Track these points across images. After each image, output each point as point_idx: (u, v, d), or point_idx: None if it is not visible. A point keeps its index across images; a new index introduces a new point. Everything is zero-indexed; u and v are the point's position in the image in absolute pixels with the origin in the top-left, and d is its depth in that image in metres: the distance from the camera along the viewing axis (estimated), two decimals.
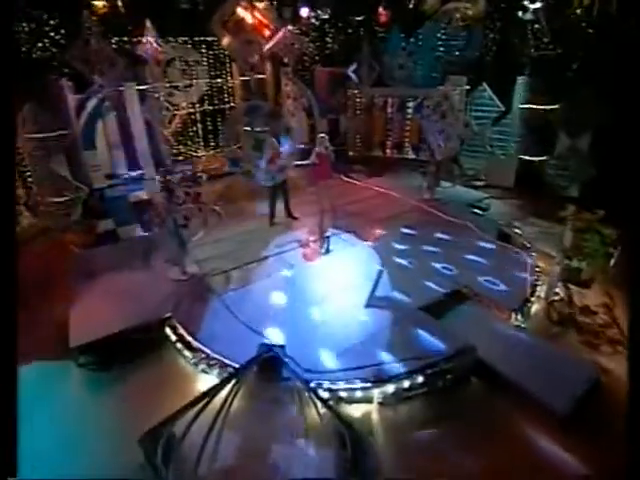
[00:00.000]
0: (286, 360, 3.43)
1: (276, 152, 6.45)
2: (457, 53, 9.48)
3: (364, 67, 9.97)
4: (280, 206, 6.83)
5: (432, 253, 6.00)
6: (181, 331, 4.43)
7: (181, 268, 5.51)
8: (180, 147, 10.29)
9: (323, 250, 6.11)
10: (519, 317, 4.57)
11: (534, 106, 8.36)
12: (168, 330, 4.49)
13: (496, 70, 9.05)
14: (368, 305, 4.78)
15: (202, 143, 10.68)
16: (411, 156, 9.89)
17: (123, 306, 4.65)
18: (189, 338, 4.31)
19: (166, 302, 4.71)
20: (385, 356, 3.79)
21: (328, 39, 10.91)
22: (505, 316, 4.69)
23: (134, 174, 8.20)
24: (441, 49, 9.68)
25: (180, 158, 9.85)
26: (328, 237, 6.15)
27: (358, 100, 10.10)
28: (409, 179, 8.76)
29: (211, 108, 10.57)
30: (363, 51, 9.43)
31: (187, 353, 4.11)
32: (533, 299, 4.89)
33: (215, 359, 3.91)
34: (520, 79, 8.62)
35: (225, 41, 8.18)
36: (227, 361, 3.86)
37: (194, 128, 10.31)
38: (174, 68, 8.76)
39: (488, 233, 6.36)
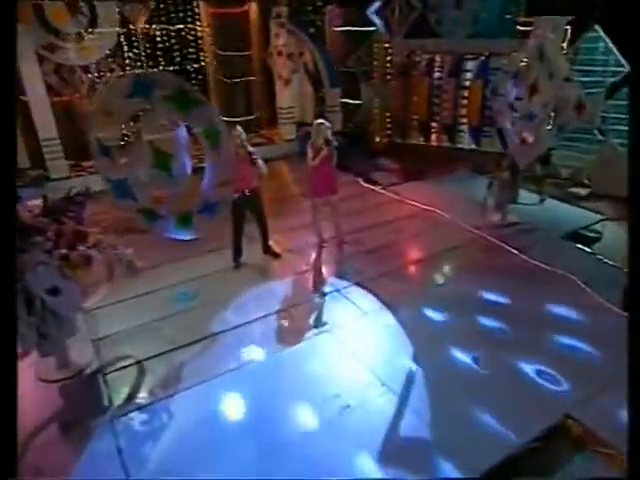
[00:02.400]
0: None
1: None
2: None
3: (396, 5, 8.65)
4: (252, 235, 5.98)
5: (510, 339, 4.46)
6: None
7: (59, 358, 4.21)
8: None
9: (313, 321, 4.89)
10: None
11: None
12: None
13: (617, 6, 7.33)
14: (380, 460, 3.32)
15: None
16: (469, 146, 8.82)
17: None
18: None
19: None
20: None
21: None
22: None
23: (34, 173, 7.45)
24: None
25: None
26: (325, 294, 5.25)
27: (388, 59, 9.21)
28: (466, 186, 7.70)
29: (171, 69, 9.58)
30: None
31: None
32: None
33: None
34: None
35: None
36: None
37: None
38: None
39: (609, 293, 4.81)
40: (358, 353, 4.35)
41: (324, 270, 5.73)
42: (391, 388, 3.89)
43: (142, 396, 4.00)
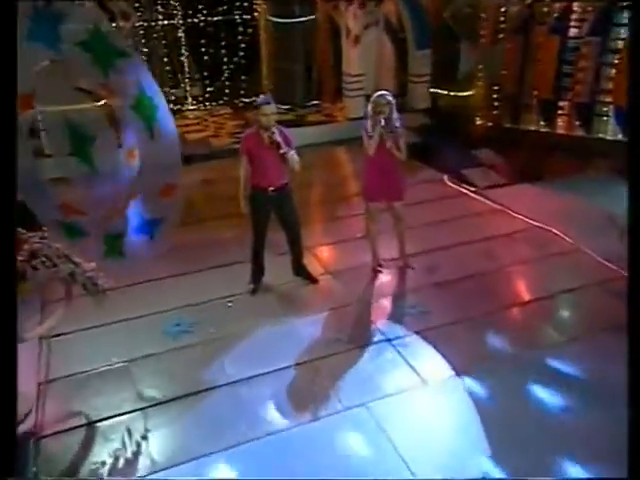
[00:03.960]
0: None
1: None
2: None
3: None
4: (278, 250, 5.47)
5: None
6: None
7: None
8: None
9: (345, 384, 4.14)
10: None
11: None
12: None
13: None
14: None
15: None
16: (613, 137, 7.89)
17: None
18: None
19: None
20: None
21: None
22: None
23: None
24: None
25: None
26: (369, 344, 4.55)
27: (502, 10, 8.43)
28: (602, 195, 6.68)
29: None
30: None
31: None
32: None
33: None
34: None
35: None
36: None
37: None
38: None
39: None
40: (406, 444, 3.59)
41: (374, 306, 5.10)
42: None
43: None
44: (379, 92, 5.09)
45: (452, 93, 9.45)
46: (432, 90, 9.47)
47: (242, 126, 9.49)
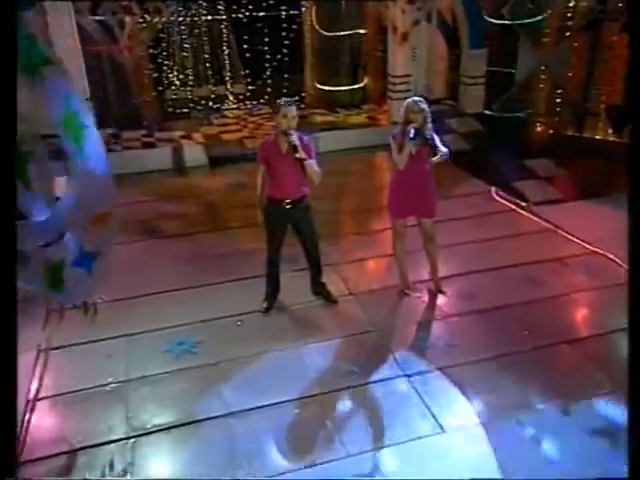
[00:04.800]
0: None
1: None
2: None
3: None
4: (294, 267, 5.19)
5: None
6: None
7: None
8: None
9: (353, 423, 3.74)
10: None
11: None
12: None
13: None
14: None
15: None
16: None
17: None
18: None
19: None
20: None
21: None
22: None
23: None
24: None
25: None
26: (385, 379, 4.12)
27: (570, 4, 7.94)
28: None
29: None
30: None
31: None
32: None
33: None
34: None
35: None
36: None
37: None
38: None
39: None
40: None
41: (396, 334, 4.66)
42: None
43: None
44: (413, 98, 4.66)
45: (506, 97, 8.87)
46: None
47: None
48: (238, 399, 4.00)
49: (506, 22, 8.54)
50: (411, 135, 4.41)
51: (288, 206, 4.59)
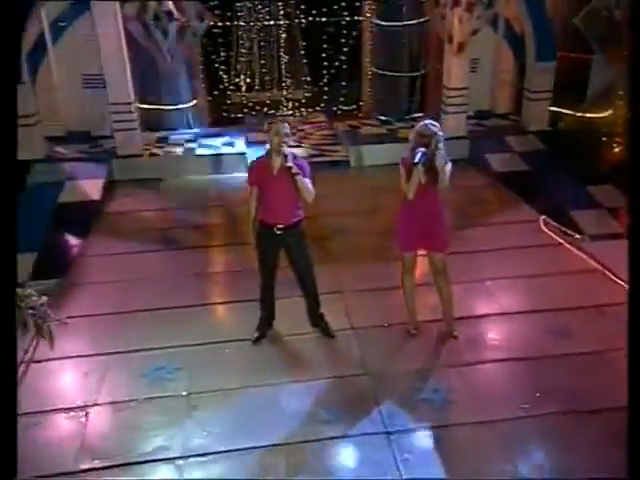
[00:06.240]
0: None
1: None
2: None
3: None
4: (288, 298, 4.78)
5: None
6: None
7: None
8: None
9: None
10: None
11: None
12: None
13: None
14: None
15: None
16: None
17: None
18: None
19: None
20: None
21: None
22: None
23: None
24: None
25: None
26: (376, 433, 3.72)
27: None
28: None
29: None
30: None
31: None
32: None
33: None
34: None
35: None
36: None
37: None
38: None
39: None
40: None
41: (388, 380, 4.21)
42: None
43: None
44: (425, 121, 4.26)
45: (578, 114, 8.01)
46: (552, 109, 8.08)
47: (330, 136, 8.96)
48: (196, 440, 3.73)
49: (577, 32, 7.77)
50: (415, 160, 3.97)
51: (280, 232, 4.28)
